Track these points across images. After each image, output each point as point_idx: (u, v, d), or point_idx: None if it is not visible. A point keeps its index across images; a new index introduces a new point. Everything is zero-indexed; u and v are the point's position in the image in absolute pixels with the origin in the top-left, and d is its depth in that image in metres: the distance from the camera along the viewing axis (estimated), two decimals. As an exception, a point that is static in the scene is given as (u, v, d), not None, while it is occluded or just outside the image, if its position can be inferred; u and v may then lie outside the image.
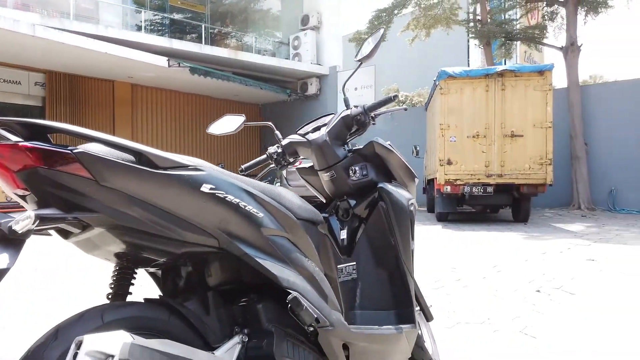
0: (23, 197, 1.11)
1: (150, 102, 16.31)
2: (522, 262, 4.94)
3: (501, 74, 8.54)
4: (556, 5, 13.72)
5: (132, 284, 1.32)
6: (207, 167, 1.23)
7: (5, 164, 1.04)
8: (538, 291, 3.69)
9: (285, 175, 11.38)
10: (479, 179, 8.65)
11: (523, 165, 8.48)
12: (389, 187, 1.83)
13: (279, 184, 13.51)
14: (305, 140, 1.93)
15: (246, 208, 1.26)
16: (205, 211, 1.19)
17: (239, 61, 15.32)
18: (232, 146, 18.67)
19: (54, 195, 1.05)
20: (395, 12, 15.38)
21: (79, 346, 0.92)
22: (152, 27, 15.58)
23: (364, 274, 1.77)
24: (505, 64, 13.37)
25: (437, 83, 9.24)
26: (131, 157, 1.11)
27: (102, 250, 1.22)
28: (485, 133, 8.62)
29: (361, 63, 2.01)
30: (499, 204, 9.51)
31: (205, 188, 1.19)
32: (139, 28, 14.90)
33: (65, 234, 1.15)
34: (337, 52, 17.36)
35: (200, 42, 15.42)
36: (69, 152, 1.04)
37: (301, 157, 2.04)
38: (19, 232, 0.93)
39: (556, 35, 14.06)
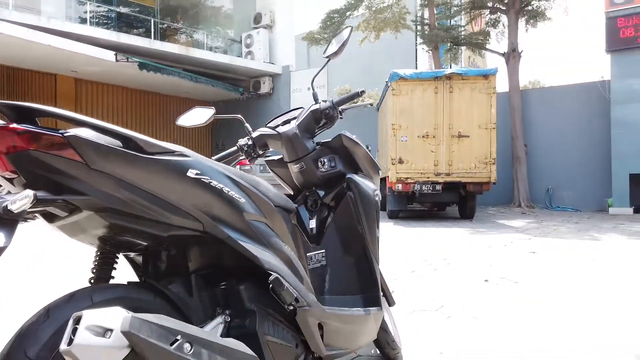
0: (10, 180, 1.11)
1: (95, 97, 15.73)
2: (470, 255, 5.21)
3: (449, 77, 8.92)
4: (499, 13, 14.43)
5: (115, 269, 1.34)
6: (192, 154, 1.28)
7: None
8: (486, 280, 3.92)
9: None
10: (428, 178, 8.98)
11: (469, 164, 8.89)
12: (357, 178, 1.93)
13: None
14: (275, 132, 1.99)
15: (229, 193, 1.32)
16: (191, 195, 1.23)
17: (190, 58, 15.05)
18: (183, 144, 18.28)
19: (44, 178, 1.07)
20: (348, 14, 15.65)
21: (77, 321, 0.94)
22: (98, 20, 15.03)
23: (333, 260, 1.85)
24: (451, 68, 13.90)
25: (389, 84, 9.50)
26: (119, 142, 1.14)
27: (88, 235, 1.23)
28: (435, 133, 8.97)
29: (329, 59, 2.10)
30: (447, 202, 9.90)
31: (191, 173, 1.24)
32: (83, 21, 14.33)
33: (51, 218, 1.16)
34: (290, 52, 17.41)
35: (150, 37, 15.03)
36: (60, 135, 1.06)
37: (271, 149, 2.10)
38: (15, 211, 0.95)
39: (499, 41, 14.76)
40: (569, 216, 10.46)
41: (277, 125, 2.06)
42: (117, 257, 1.36)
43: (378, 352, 2.25)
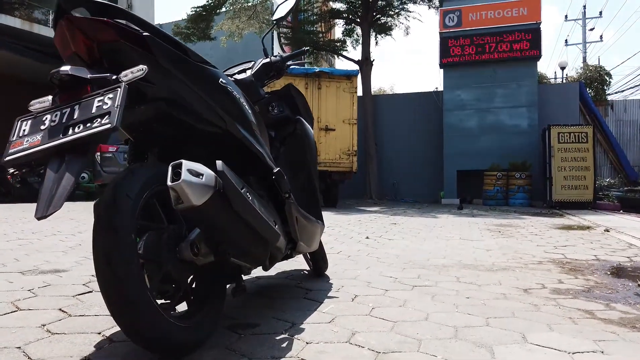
0: (87, 64, 1.33)
1: None
2: (346, 224, 5.95)
3: (318, 75, 9.74)
4: (353, 24, 15.90)
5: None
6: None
7: (93, 35, 1.28)
8: (367, 237, 4.63)
9: (99, 161, 10.71)
10: (297, 167, 9.64)
11: (334, 155, 9.80)
12: (304, 121, 2.38)
13: (86, 175, 12.54)
14: (234, 79, 2.34)
15: (243, 104, 1.68)
16: (219, 98, 1.58)
17: (35, 35, 13.61)
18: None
19: (123, 66, 1.33)
20: (213, 13, 15.71)
21: (176, 167, 1.24)
22: None
23: None
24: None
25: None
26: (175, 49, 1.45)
27: (136, 123, 1.47)
28: (304, 125, 9.69)
29: (276, 23, 2.51)
30: (313, 190, 10.70)
31: (221, 82, 1.58)
32: None
33: None
34: (150, 41, 16.76)
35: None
36: (141, 33, 1.34)
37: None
38: (125, 82, 1.22)
39: (354, 47, 16.23)
40: (412, 205, 12.09)
41: (234, 74, 2.40)
42: (146, 156, 1.61)
43: (308, 269, 2.72)
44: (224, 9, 16.51)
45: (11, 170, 11.18)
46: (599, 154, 13.49)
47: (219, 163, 1.34)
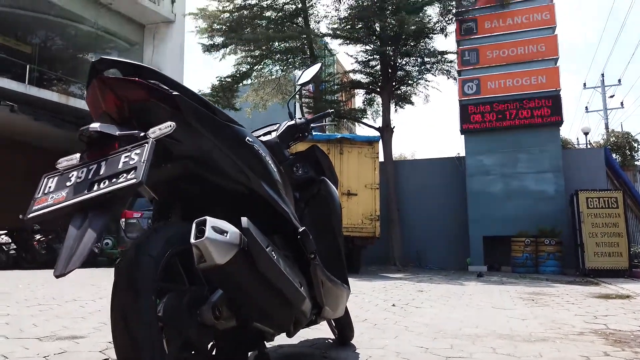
0: (117, 123, 1.34)
1: (-50, 142, 13.98)
2: (371, 291, 5.74)
3: (340, 141, 9.89)
4: (373, 94, 16.32)
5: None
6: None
7: (123, 94, 1.30)
8: (394, 305, 4.44)
9: (124, 227, 10.83)
10: (319, 232, 9.55)
11: (357, 220, 9.70)
12: (329, 182, 2.35)
13: (109, 240, 12.65)
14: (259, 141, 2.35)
15: (267, 160, 1.67)
16: (245, 156, 1.56)
17: (70, 107, 14.33)
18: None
19: (152, 124, 1.33)
20: (238, 84, 16.41)
21: (199, 224, 1.20)
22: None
23: None
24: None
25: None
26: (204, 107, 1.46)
27: (161, 180, 1.46)
28: (326, 191, 9.71)
29: (301, 87, 2.57)
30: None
31: (248, 140, 1.58)
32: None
33: None
34: (178, 112, 17.44)
35: (24, 82, 14.08)
36: (170, 93, 1.35)
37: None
38: (153, 137, 1.21)
39: (374, 117, 16.57)
40: (437, 272, 11.71)
41: (260, 136, 2.42)
42: (170, 215, 1.58)
43: (333, 338, 2.58)
44: (249, 81, 17.24)
45: (37, 237, 11.37)
46: (630, 220, 13.06)
47: (244, 220, 1.30)
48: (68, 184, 1.18)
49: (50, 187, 1.20)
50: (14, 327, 2.91)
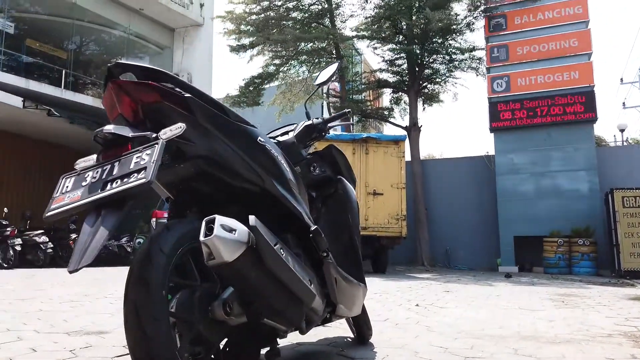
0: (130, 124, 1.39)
1: (-7, 145, 14.59)
2: (395, 291, 5.71)
3: (365, 140, 9.86)
4: (400, 93, 16.19)
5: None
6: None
7: (137, 97, 1.35)
8: (417, 305, 4.41)
9: (154, 227, 11.07)
10: (345, 232, 9.55)
11: (383, 219, 9.65)
12: (345, 181, 2.36)
13: (141, 239, 12.94)
14: (276, 141, 2.37)
15: (280, 161, 1.69)
16: (257, 156, 1.59)
17: (104, 111, 14.74)
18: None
19: (165, 126, 1.37)
20: (265, 84, 16.55)
21: (209, 222, 1.23)
22: (5, 65, 14.34)
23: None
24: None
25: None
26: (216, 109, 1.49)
27: (175, 182, 1.50)
28: (352, 190, 9.68)
29: (319, 87, 2.58)
30: (363, 255, 10.45)
31: (260, 140, 1.60)
32: (-11, 65, 13.60)
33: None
34: (207, 113, 17.71)
35: (60, 87, 14.57)
36: (182, 95, 1.39)
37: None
38: (164, 139, 1.25)
39: (402, 116, 16.44)
40: (466, 273, 11.54)
41: (277, 136, 2.44)
42: (186, 214, 1.63)
43: (352, 336, 2.58)
44: (276, 82, 17.37)
45: (73, 236, 11.75)
46: (670, 219, 12.54)
47: (251, 218, 1.33)
48: (84, 183, 1.24)
49: (67, 187, 1.26)
50: (45, 322, 3.03)
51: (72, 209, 1.19)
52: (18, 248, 10.22)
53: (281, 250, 1.40)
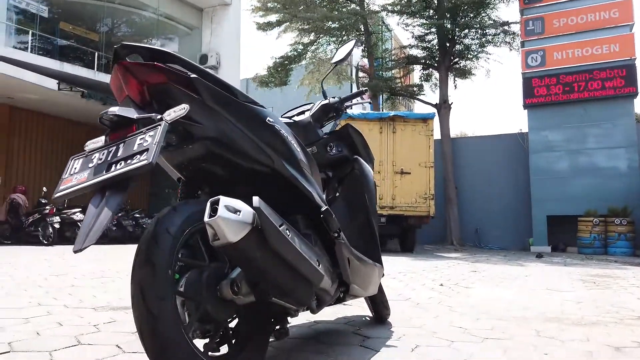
0: (138, 105, 1.39)
1: (31, 128, 15.11)
2: (421, 270, 5.68)
3: (392, 119, 9.72)
4: (430, 69, 15.83)
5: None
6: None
7: (144, 79, 1.35)
8: (442, 285, 4.37)
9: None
10: (373, 211, 9.52)
11: (411, 199, 9.56)
12: (362, 160, 2.33)
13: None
14: (292, 121, 2.35)
15: (290, 141, 1.67)
16: (267, 137, 1.57)
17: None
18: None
19: (171, 107, 1.37)
20: (293, 63, 16.46)
21: (214, 203, 1.24)
22: (40, 48, 14.73)
23: (342, 225, 2.20)
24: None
25: (337, 123, 10.13)
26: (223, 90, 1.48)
27: (184, 163, 1.51)
28: (379, 169, 9.61)
29: (336, 65, 2.53)
30: (389, 235, 10.42)
31: (269, 121, 1.58)
32: (25, 48, 13.99)
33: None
34: (236, 93, 17.81)
35: (93, 69, 14.87)
36: (188, 76, 1.38)
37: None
38: (168, 120, 1.25)
39: (433, 92, 16.11)
40: (497, 252, 11.37)
41: (293, 116, 2.42)
42: (197, 195, 1.64)
43: (370, 316, 2.58)
44: (303, 62, 17.25)
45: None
46: None
47: (255, 199, 1.32)
48: (90, 165, 1.25)
49: (75, 168, 1.28)
50: (75, 297, 3.15)
51: (79, 190, 1.21)
52: (57, 226, 10.62)
53: (287, 231, 1.39)
